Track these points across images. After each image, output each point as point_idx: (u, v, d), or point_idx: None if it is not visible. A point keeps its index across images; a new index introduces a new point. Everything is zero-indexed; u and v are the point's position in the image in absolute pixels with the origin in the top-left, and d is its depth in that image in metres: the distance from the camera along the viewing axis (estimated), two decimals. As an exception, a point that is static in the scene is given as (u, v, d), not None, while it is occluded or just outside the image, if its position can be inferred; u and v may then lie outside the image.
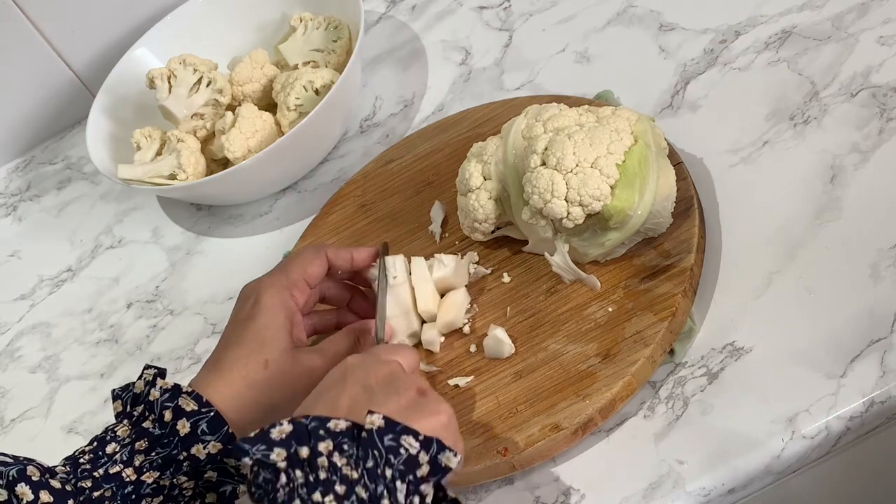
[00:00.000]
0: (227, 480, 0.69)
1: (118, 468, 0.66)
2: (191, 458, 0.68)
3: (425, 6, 1.15)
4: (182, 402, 0.68)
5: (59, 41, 1.20)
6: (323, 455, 0.57)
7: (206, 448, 0.68)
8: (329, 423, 0.58)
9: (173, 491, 0.68)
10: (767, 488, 0.71)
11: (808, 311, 0.74)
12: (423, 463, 0.58)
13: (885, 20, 0.87)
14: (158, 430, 0.68)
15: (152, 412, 0.68)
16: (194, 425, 0.68)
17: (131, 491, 0.66)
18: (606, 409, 0.72)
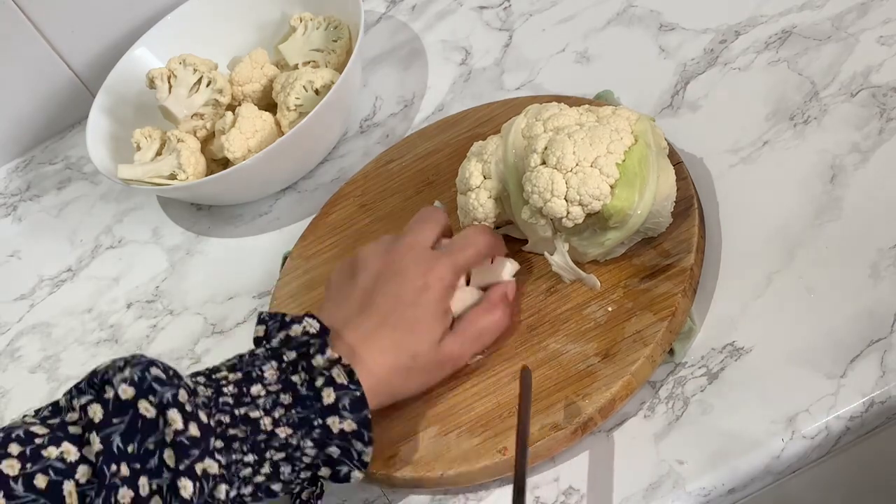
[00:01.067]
0: (346, 461, 0.69)
1: (258, 414, 0.66)
2: (324, 428, 0.68)
3: (425, 6, 1.15)
4: (336, 372, 0.68)
5: (59, 41, 1.20)
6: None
7: (341, 423, 0.68)
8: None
9: (296, 452, 0.68)
10: (767, 488, 0.71)
11: (808, 311, 0.74)
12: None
13: (885, 20, 0.87)
14: (305, 391, 0.68)
15: (307, 372, 0.68)
16: (338, 398, 0.68)
17: (263, 440, 0.66)
18: (606, 409, 0.72)
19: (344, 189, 0.98)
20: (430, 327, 0.74)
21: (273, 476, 0.67)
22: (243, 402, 0.67)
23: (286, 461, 0.68)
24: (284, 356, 0.69)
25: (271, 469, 0.67)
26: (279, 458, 0.67)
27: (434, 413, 0.78)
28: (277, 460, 0.67)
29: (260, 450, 0.66)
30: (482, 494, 0.76)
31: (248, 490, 0.66)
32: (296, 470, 0.68)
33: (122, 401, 0.62)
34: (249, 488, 0.67)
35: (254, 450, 0.66)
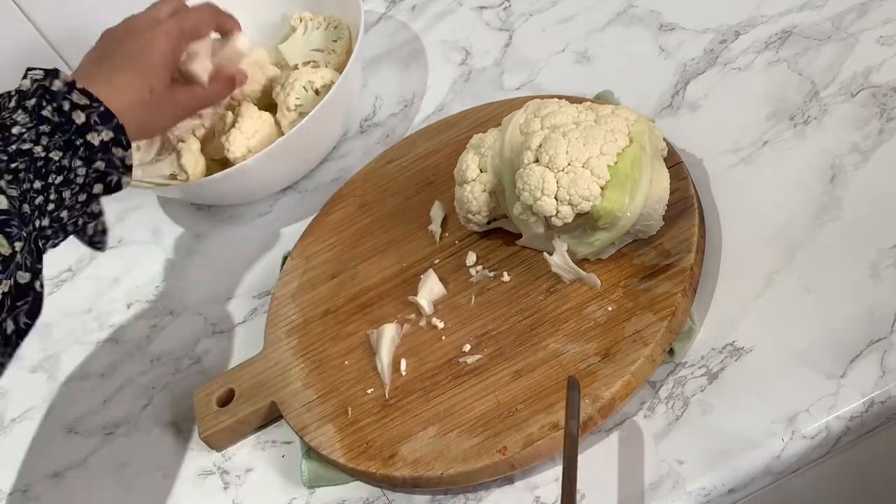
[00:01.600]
0: (113, 170, 0.77)
1: (28, 146, 0.73)
2: (86, 144, 0.75)
3: (425, 6, 1.15)
4: (75, 96, 0.76)
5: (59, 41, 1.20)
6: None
7: (99, 136, 0.76)
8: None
9: (70, 174, 0.74)
10: (767, 488, 0.71)
11: (808, 311, 0.74)
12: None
13: (885, 20, 0.87)
14: (58, 118, 0.74)
15: (52, 101, 0.75)
16: (88, 116, 0.76)
17: (41, 165, 0.72)
18: (606, 409, 0.72)
19: (344, 189, 0.98)
20: (160, 69, 0.86)
21: (59, 203, 0.73)
22: (11, 141, 0.73)
23: (65, 186, 0.74)
24: (27, 102, 0.75)
25: (56, 195, 0.73)
26: (59, 183, 0.73)
27: (434, 413, 0.78)
28: (58, 185, 0.73)
29: (42, 175, 0.72)
30: (482, 494, 0.76)
31: (45, 222, 0.73)
32: (73, 192, 0.74)
33: None
34: (46, 219, 0.73)
35: (38, 176, 0.72)
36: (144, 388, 0.95)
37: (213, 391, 0.87)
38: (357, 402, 0.82)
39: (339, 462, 0.79)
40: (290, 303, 0.91)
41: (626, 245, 0.79)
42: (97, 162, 0.75)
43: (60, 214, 0.74)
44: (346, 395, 0.82)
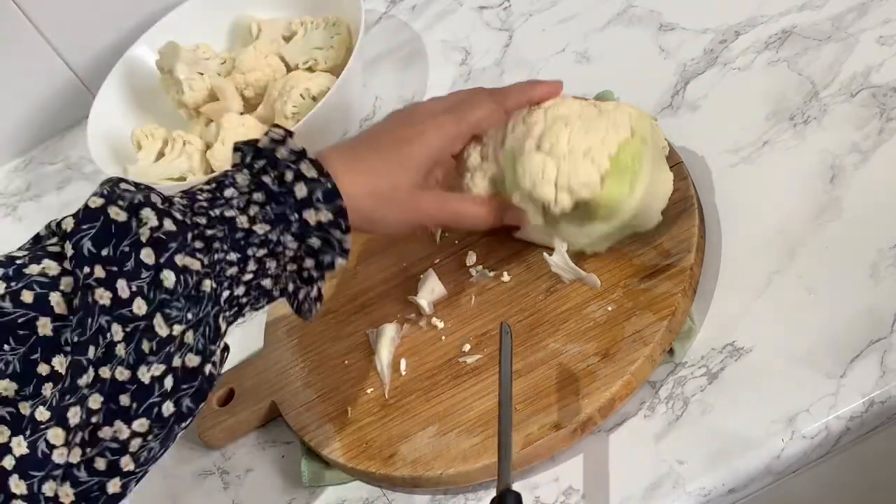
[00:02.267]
0: (329, 251, 0.70)
1: (233, 213, 0.67)
2: (301, 222, 0.68)
3: (425, 6, 1.15)
4: (304, 166, 0.69)
5: (59, 41, 1.20)
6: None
7: (317, 215, 0.68)
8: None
9: (277, 248, 0.68)
10: (767, 488, 0.71)
11: (808, 311, 0.73)
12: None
13: (885, 20, 0.87)
14: (277, 187, 0.68)
15: (275, 168, 0.69)
16: (311, 191, 0.68)
17: (241, 238, 0.67)
18: (606, 409, 0.72)
19: (344, 189, 0.98)
20: (416, 165, 0.76)
21: (260, 272, 0.68)
22: (218, 204, 0.67)
23: (270, 257, 0.68)
24: (255, 164, 0.70)
25: (257, 266, 0.68)
26: (262, 255, 0.68)
27: (433, 413, 0.78)
28: (261, 257, 0.68)
29: (240, 247, 0.67)
30: (482, 494, 0.76)
31: (240, 290, 0.67)
32: (280, 263, 0.69)
33: (91, 209, 0.61)
34: (241, 288, 0.67)
35: (234, 248, 0.66)
36: (144, 387, 0.95)
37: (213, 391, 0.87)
38: (357, 402, 0.82)
39: (339, 462, 0.79)
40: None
41: (626, 245, 0.79)
42: (311, 239, 0.69)
43: (262, 283, 0.69)
44: (345, 395, 0.82)
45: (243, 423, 0.86)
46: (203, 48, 1.10)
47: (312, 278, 0.70)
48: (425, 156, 0.76)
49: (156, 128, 1.06)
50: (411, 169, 0.75)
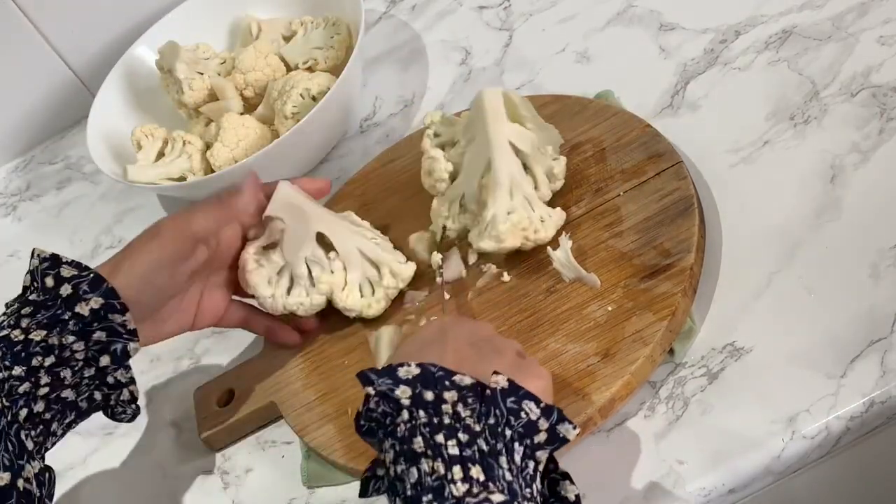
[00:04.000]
0: (117, 339, 0.70)
1: (6, 332, 0.68)
2: (76, 317, 0.69)
3: (425, 6, 1.15)
4: (63, 269, 0.70)
5: (58, 41, 1.20)
6: (448, 403, 0.59)
7: (88, 305, 0.69)
8: (455, 377, 0.60)
9: (64, 352, 0.69)
10: (767, 488, 0.71)
11: (808, 311, 0.73)
12: (542, 430, 0.59)
13: (885, 20, 0.87)
14: (42, 297, 0.69)
15: (35, 281, 0.70)
16: (75, 287, 0.69)
17: (20, 349, 0.67)
18: (606, 409, 0.72)
19: (344, 189, 0.98)
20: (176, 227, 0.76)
21: (56, 384, 0.68)
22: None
23: (61, 364, 0.68)
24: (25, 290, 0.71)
25: (50, 377, 0.68)
26: (51, 363, 0.68)
27: (434, 413, 0.78)
28: (50, 366, 0.68)
29: (22, 359, 0.67)
30: (482, 494, 0.76)
31: (40, 406, 0.67)
32: (76, 371, 0.69)
33: None
34: (41, 403, 0.68)
35: (17, 361, 0.67)
36: (144, 387, 0.95)
37: (213, 391, 0.87)
38: (357, 403, 0.81)
39: (339, 462, 0.79)
40: (290, 303, 0.91)
41: (627, 245, 0.79)
42: (95, 333, 0.69)
43: (62, 395, 0.69)
44: (346, 396, 0.82)
45: (243, 424, 0.86)
46: (203, 48, 1.10)
47: (118, 382, 0.71)
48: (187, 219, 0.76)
49: (156, 128, 1.06)
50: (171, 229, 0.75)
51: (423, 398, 0.59)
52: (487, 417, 0.59)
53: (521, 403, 0.59)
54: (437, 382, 0.59)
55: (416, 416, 0.58)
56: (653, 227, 0.79)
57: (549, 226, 0.82)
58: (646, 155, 0.84)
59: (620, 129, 0.87)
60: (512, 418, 0.59)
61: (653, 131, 0.85)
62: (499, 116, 0.83)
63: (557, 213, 0.82)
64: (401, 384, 0.59)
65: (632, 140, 0.86)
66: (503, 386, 0.60)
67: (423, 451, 0.57)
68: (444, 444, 0.57)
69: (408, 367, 0.60)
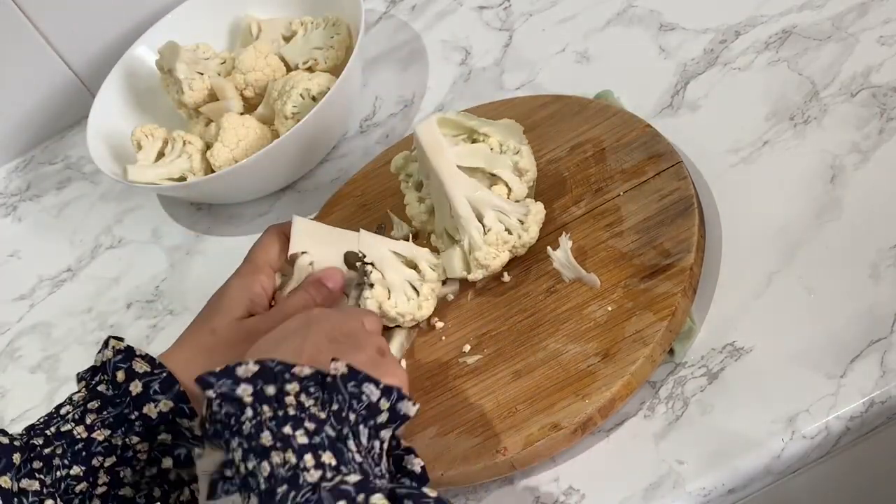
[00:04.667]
0: (182, 444, 0.70)
1: (69, 426, 0.67)
2: (143, 418, 0.68)
3: (425, 6, 1.15)
4: (135, 364, 0.69)
5: (59, 41, 1.20)
6: (290, 395, 0.59)
7: (157, 407, 0.69)
8: (294, 368, 0.60)
9: (126, 452, 0.68)
10: (767, 488, 0.71)
11: (808, 311, 0.73)
12: (384, 410, 0.60)
13: (885, 20, 0.87)
14: (111, 391, 0.69)
15: (105, 373, 0.69)
16: (146, 386, 0.69)
17: (81, 448, 0.67)
18: (606, 409, 0.72)
19: (344, 189, 0.98)
20: (227, 307, 0.77)
21: (115, 483, 0.67)
22: (53, 422, 0.68)
23: (122, 464, 0.68)
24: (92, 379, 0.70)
25: (109, 476, 0.67)
26: (111, 464, 0.67)
27: (434, 413, 0.78)
28: (111, 466, 0.67)
29: (82, 458, 0.66)
30: (482, 494, 0.76)
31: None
32: (137, 470, 0.68)
33: None
34: (96, 502, 0.67)
35: (76, 461, 0.66)
36: (144, 388, 0.95)
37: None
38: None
39: (339, 462, 0.79)
40: (290, 303, 0.91)
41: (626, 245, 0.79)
42: (161, 435, 0.69)
43: (120, 492, 0.68)
44: (346, 395, 0.82)
45: (243, 424, 0.86)
46: (203, 48, 1.10)
47: (181, 480, 0.70)
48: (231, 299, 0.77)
49: (156, 128, 1.06)
50: (223, 310, 0.77)
51: (265, 393, 0.58)
52: (331, 404, 0.59)
53: (361, 387, 0.60)
54: (276, 376, 0.59)
55: (260, 411, 0.58)
56: (653, 227, 0.79)
57: (530, 225, 0.81)
58: (646, 155, 0.84)
59: (620, 129, 0.87)
60: (354, 402, 0.59)
61: (653, 131, 0.85)
62: (438, 148, 0.82)
63: (535, 207, 0.82)
64: (241, 383, 0.59)
65: (632, 140, 0.86)
66: (343, 371, 0.60)
67: (272, 445, 0.56)
68: (293, 435, 0.57)
69: (246, 365, 0.59)
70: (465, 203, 0.81)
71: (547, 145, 0.89)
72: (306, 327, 0.66)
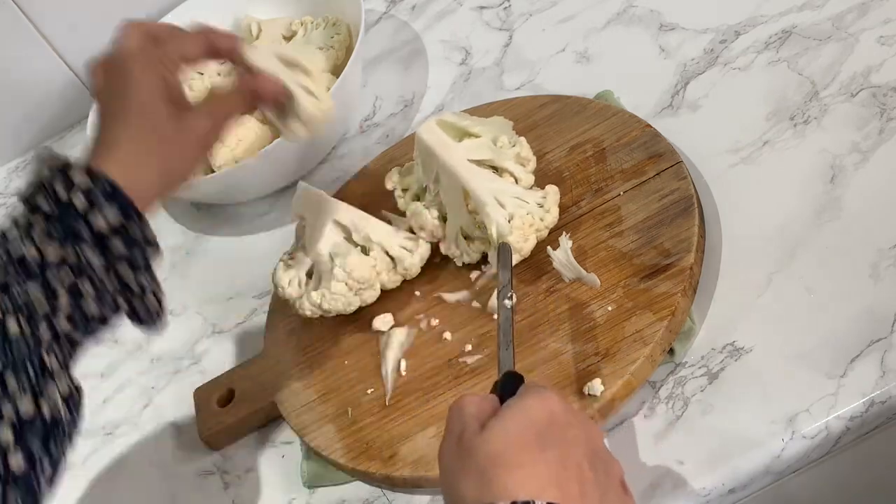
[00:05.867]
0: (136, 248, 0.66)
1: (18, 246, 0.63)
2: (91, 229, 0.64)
3: (425, 6, 1.15)
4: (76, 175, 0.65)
5: (58, 41, 1.20)
6: None
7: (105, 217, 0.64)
8: None
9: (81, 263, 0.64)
10: (767, 488, 0.71)
11: (808, 310, 0.73)
12: None
13: (885, 20, 0.87)
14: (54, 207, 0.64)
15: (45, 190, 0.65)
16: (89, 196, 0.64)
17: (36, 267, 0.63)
18: (606, 409, 0.72)
19: (344, 189, 0.98)
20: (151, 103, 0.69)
21: (78, 297, 0.64)
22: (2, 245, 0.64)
23: (80, 278, 0.64)
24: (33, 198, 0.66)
25: (69, 294, 0.64)
26: (70, 281, 0.64)
27: (434, 413, 0.78)
28: (70, 284, 0.64)
29: (36, 275, 0.63)
30: (482, 494, 0.76)
31: (63, 323, 0.64)
32: (95, 282, 0.65)
33: None
34: (63, 320, 0.64)
35: (31, 278, 0.63)
36: (144, 388, 0.95)
37: (213, 391, 0.87)
38: (357, 403, 0.82)
39: (339, 462, 0.79)
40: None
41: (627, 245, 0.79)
42: (112, 242, 0.65)
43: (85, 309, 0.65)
44: (346, 396, 0.82)
45: (243, 423, 0.86)
46: None
47: (142, 287, 0.66)
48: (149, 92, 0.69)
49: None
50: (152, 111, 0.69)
51: None
52: None
53: None
54: None
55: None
56: (653, 227, 0.79)
57: (550, 206, 0.82)
58: (646, 155, 0.84)
59: (620, 129, 0.87)
60: None
61: (653, 131, 0.85)
62: (446, 146, 0.83)
63: (551, 189, 0.83)
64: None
65: (632, 140, 0.86)
66: None
67: None
68: None
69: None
70: (487, 192, 0.81)
71: (547, 145, 0.89)
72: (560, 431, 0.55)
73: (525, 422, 0.55)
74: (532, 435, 0.54)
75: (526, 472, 0.53)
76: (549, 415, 0.55)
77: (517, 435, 0.54)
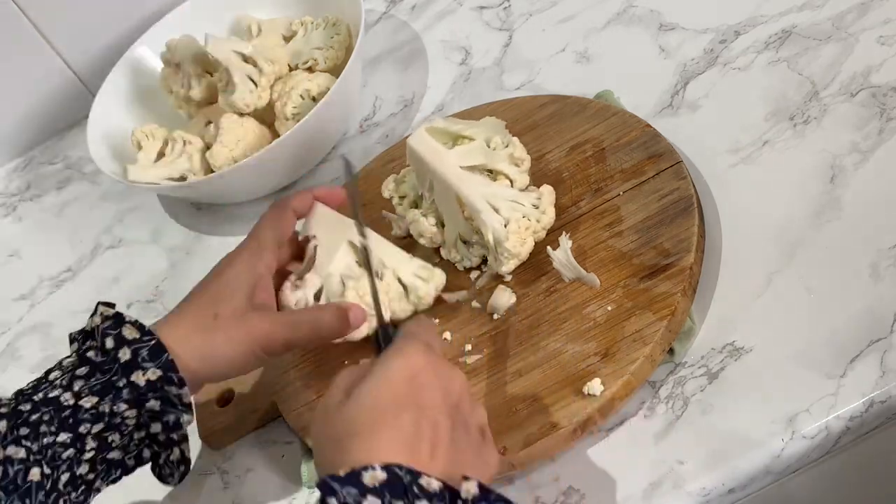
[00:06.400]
0: (171, 409, 0.69)
1: (57, 392, 0.67)
2: (131, 385, 0.68)
3: (425, 6, 1.15)
4: (125, 330, 0.68)
5: (58, 41, 1.20)
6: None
7: (145, 374, 0.68)
8: (421, 480, 0.54)
9: (115, 419, 0.67)
10: (767, 488, 0.71)
11: (808, 311, 0.73)
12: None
13: (885, 20, 0.87)
14: (100, 357, 0.68)
15: (94, 339, 0.69)
16: (135, 352, 0.68)
17: (69, 415, 0.66)
18: (606, 409, 0.72)
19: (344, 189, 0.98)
20: (232, 291, 0.73)
21: (103, 447, 0.67)
22: (41, 388, 0.67)
23: (109, 430, 0.67)
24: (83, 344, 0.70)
25: (97, 442, 0.67)
26: (99, 430, 0.67)
27: (434, 413, 0.77)
28: (98, 432, 0.67)
29: (69, 426, 0.66)
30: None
31: (83, 469, 0.66)
32: (125, 434, 0.68)
33: None
34: (84, 467, 0.66)
35: (63, 427, 0.65)
36: (144, 388, 0.95)
37: (213, 391, 0.87)
38: (357, 402, 0.81)
39: (339, 462, 0.79)
40: (290, 303, 0.91)
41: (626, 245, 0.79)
42: (149, 402, 0.68)
43: (108, 456, 0.68)
44: (345, 395, 0.82)
45: (243, 423, 0.86)
46: None
47: (171, 441, 0.70)
48: (235, 280, 0.73)
49: (156, 128, 1.06)
50: (228, 294, 0.73)
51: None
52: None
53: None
54: (406, 490, 0.53)
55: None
56: (652, 227, 0.79)
57: (546, 207, 0.82)
58: (645, 155, 0.84)
59: (620, 129, 0.87)
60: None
61: (652, 131, 0.85)
62: (437, 153, 0.83)
63: (545, 189, 0.83)
64: (368, 494, 0.53)
65: (631, 140, 0.86)
66: (474, 494, 0.55)
67: None
68: None
69: (373, 470, 0.53)
70: (481, 199, 0.81)
71: (547, 145, 0.89)
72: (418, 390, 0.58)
73: (383, 388, 0.58)
74: (388, 401, 0.57)
75: (379, 438, 0.56)
76: (408, 376, 0.58)
77: (373, 403, 0.57)
